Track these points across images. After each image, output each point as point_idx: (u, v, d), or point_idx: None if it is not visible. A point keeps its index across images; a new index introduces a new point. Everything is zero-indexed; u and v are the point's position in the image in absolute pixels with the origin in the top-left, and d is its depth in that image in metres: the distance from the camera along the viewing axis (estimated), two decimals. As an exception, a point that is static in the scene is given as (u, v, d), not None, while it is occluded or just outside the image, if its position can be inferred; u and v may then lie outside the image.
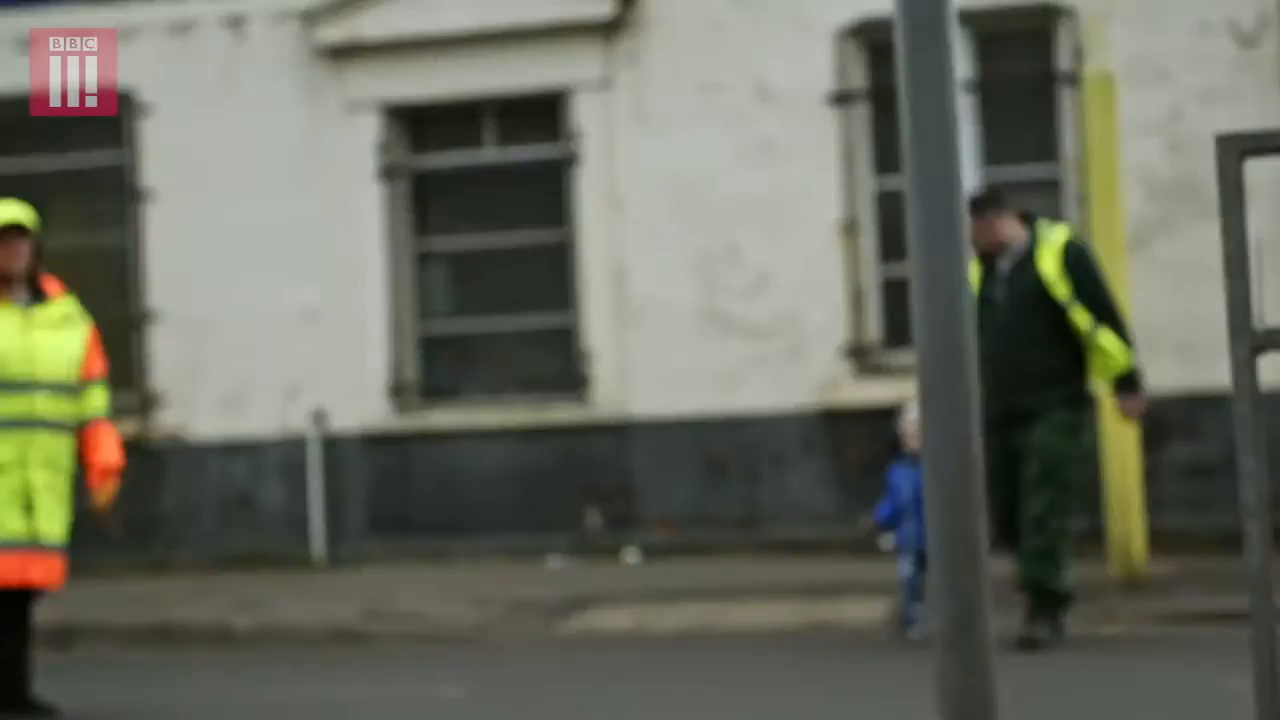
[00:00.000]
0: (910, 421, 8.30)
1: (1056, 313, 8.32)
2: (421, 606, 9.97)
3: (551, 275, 12.91)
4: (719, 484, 12.58)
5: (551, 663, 8.82)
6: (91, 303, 8.11)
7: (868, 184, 12.46)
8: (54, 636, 9.90)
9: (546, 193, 12.91)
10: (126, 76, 13.32)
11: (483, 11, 12.55)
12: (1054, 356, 8.34)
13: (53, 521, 7.17)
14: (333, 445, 13.02)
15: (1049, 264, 8.36)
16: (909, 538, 8.56)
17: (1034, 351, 8.29)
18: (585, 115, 12.74)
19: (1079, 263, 8.40)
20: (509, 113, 13.05)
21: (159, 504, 13.23)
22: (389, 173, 13.04)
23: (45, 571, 7.13)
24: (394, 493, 13.02)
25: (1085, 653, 8.19)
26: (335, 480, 13.03)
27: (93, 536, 12.70)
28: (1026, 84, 12.59)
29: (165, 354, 13.37)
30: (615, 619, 9.98)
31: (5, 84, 13.56)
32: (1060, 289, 8.33)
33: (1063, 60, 12.28)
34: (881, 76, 12.46)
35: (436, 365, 13.27)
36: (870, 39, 12.44)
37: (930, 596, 3.34)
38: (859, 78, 12.50)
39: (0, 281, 7.22)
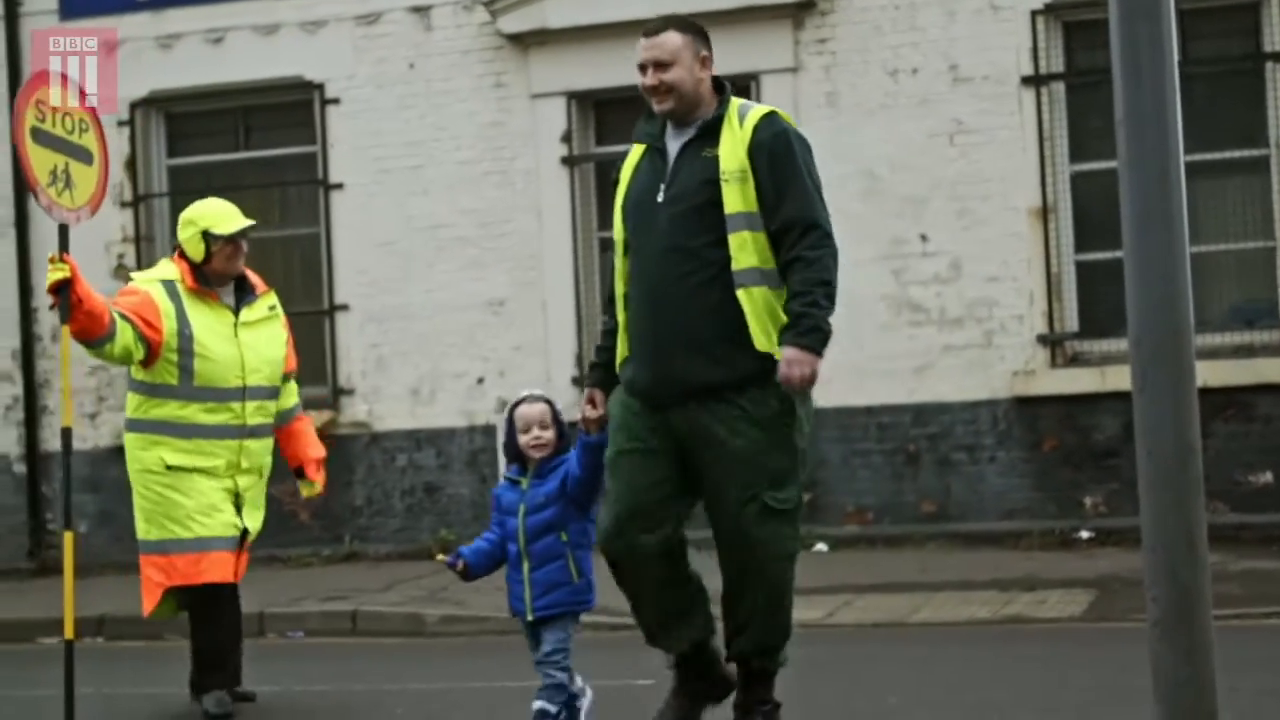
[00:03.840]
0: (529, 419, 5.89)
1: (739, 229, 5.57)
2: (607, 599, 9.92)
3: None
4: (910, 475, 12.38)
5: (741, 655, 8.70)
6: (283, 295, 8.18)
7: (1063, 167, 12.16)
8: (248, 624, 10.00)
9: (733, 180, 12.77)
10: (314, 69, 13.47)
11: (668, -2, 12.48)
12: (733, 305, 5.56)
13: (255, 520, 7.46)
14: (520, 435, 13.01)
15: (732, 150, 5.61)
16: (518, 592, 5.90)
17: (700, 297, 5.59)
18: (773, 100, 12.59)
19: (783, 151, 5.58)
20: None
21: (349, 495, 13.34)
22: (574, 161, 13.01)
23: (244, 566, 7.46)
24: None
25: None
26: (522, 470, 13.02)
27: (285, 528, 12.90)
28: (1233, 64, 12.21)
29: (354, 345, 13.48)
30: (804, 611, 9.82)
31: (198, 78, 13.78)
32: (738, 194, 5.57)
33: (1272, 40, 11.88)
34: (1078, 57, 12.16)
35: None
36: (1066, 18, 12.15)
37: (1147, 584, 3.19)
38: (1055, 59, 12.21)
39: (216, 282, 7.37)
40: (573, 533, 5.85)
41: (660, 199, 5.67)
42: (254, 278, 7.56)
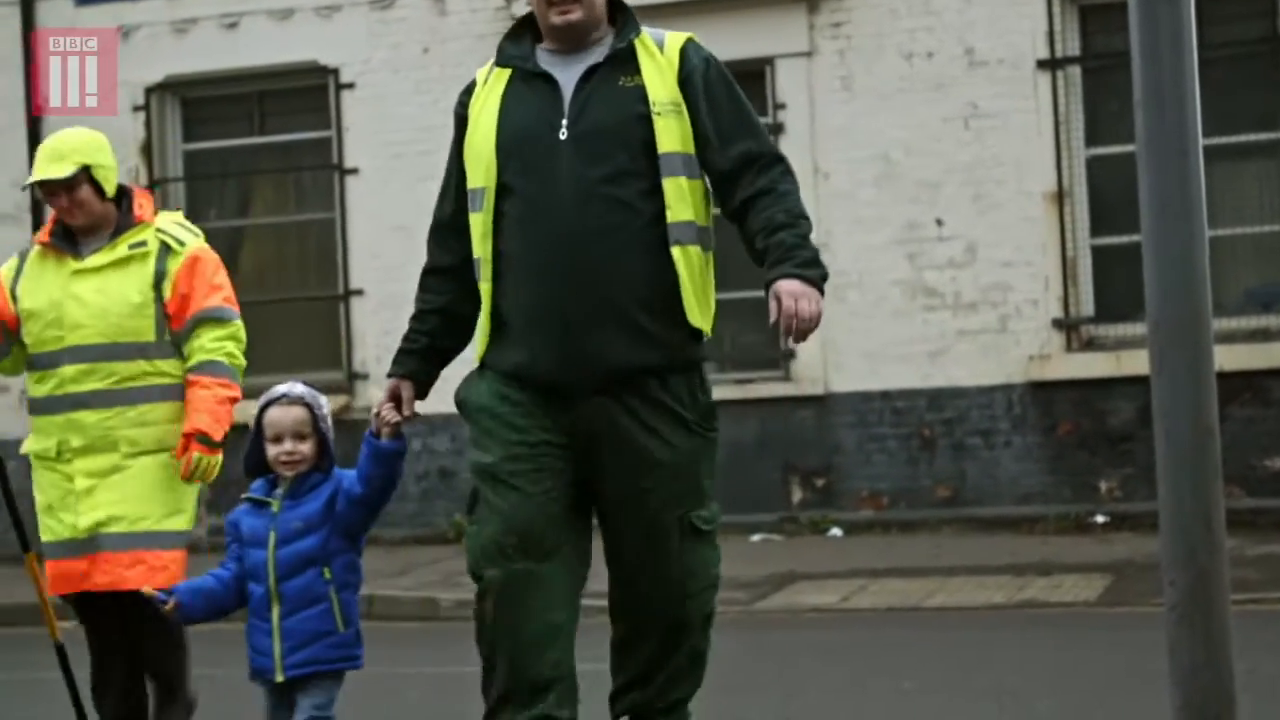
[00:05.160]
0: (281, 426, 4.73)
1: (675, 173, 4.53)
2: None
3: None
4: (925, 459, 12.37)
5: (754, 639, 8.71)
6: (298, 280, 8.15)
7: (1079, 151, 12.13)
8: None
9: (748, 165, 12.75)
10: (329, 54, 13.47)
11: (683, -18, 12.45)
12: (665, 266, 4.51)
13: (101, 509, 5.55)
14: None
15: (660, 78, 4.58)
16: (263, 645, 4.68)
17: (627, 255, 4.49)
18: (789, 86, 12.58)
19: (719, 78, 4.63)
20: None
21: (364, 478, 13.34)
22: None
23: (110, 572, 5.52)
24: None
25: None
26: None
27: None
28: (1250, 47, 12.17)
29: (368, 330, 13.49)
30: (819, 595, 9.84)
31: (213, 63, 13.78)
32: (674, 130, 4.53)
33: (1284, 21, 11.85)
34: (1094, 40, 12.13)
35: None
36: (1082, 2, 12.12)
37: (1165, 568, 3.17)
38: (1071, 42, 12.18)
39: (82, 235, 5.76)
40: (339, 568, 4.64)
41: (563, 135, 4.49)
42: (142, 211, 5.76)
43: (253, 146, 14.08)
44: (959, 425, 12.30)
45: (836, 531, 12.17)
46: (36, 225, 13.90)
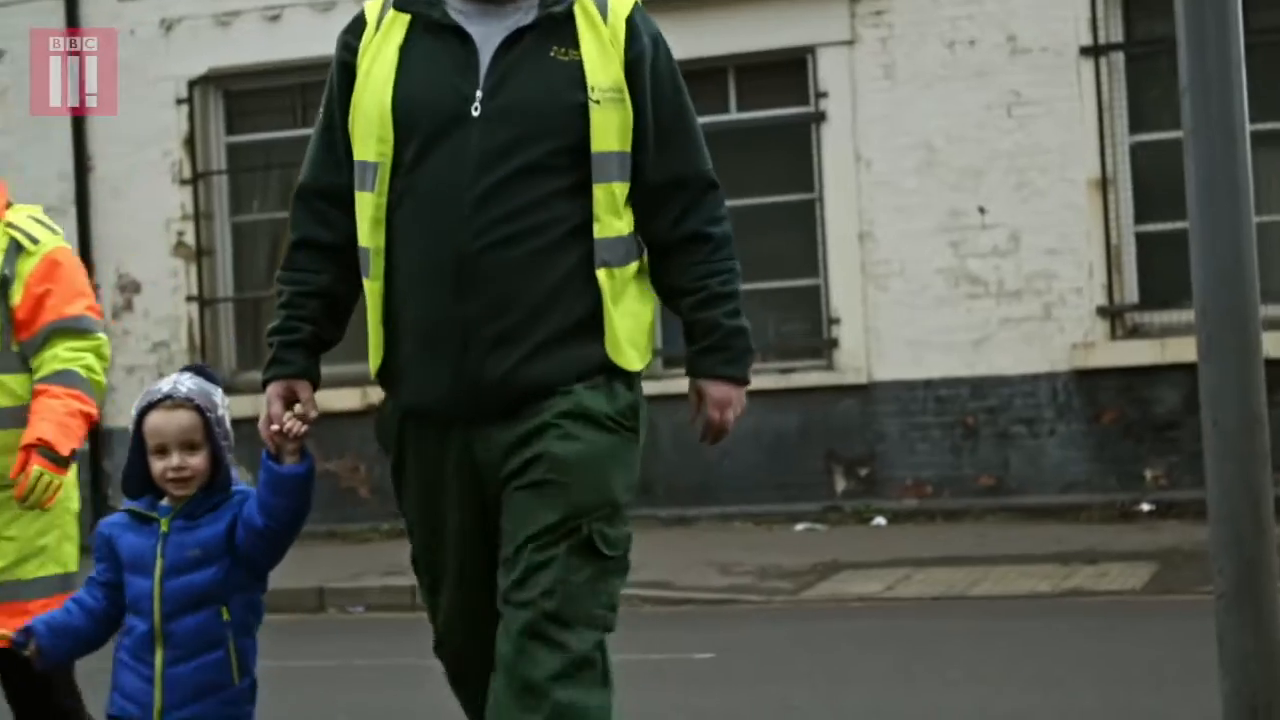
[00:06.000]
0: (164, 434, 3.78)
1: (608, 177, 3.73)
2: (669, 574, 9.93)
3: (797, 237, 12.75)
4: (968, 448, 12.34)
5: (799, 628, 8.72)
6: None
7: (1123, 138, 12.08)
8: (306, 599, 10.08)
9: (791, 154, 12.74)
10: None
11: (724, -29, 12.44)
12: (585, 289, 3.72)
13: None
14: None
15: (601, 57, 3.74)
16: (137, 691, 3.79)
17: (541, 269, 3.68)
18: (830, 74, 12.55)
19: (667, 68, 3.82)
20: (752, 72, 12.90)
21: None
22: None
23: None
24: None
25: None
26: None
27: (345, 503, 12.97)
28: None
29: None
30: (864, 584, 9.83)
31: (256, 55, 13.82)
32: (614, 125, 3.73)
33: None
34: (1137, 27, 12.06)
35: (677, 330, 13.17)
36: (1125, -12, 12.07)
37: (1213, 556, 3.16)
38: (1114, 29, 12.12)
39: None
40: (238, 609, 3.78)
41: (475, 111, 3.66)
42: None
43: (296, 139, 14.10)
44: (1003, 413, 12.26)
45: (880, 520, 12.15)
46: (82, 217, 13.99)
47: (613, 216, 3.71)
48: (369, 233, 3.72)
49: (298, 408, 3.75)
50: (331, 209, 3.80)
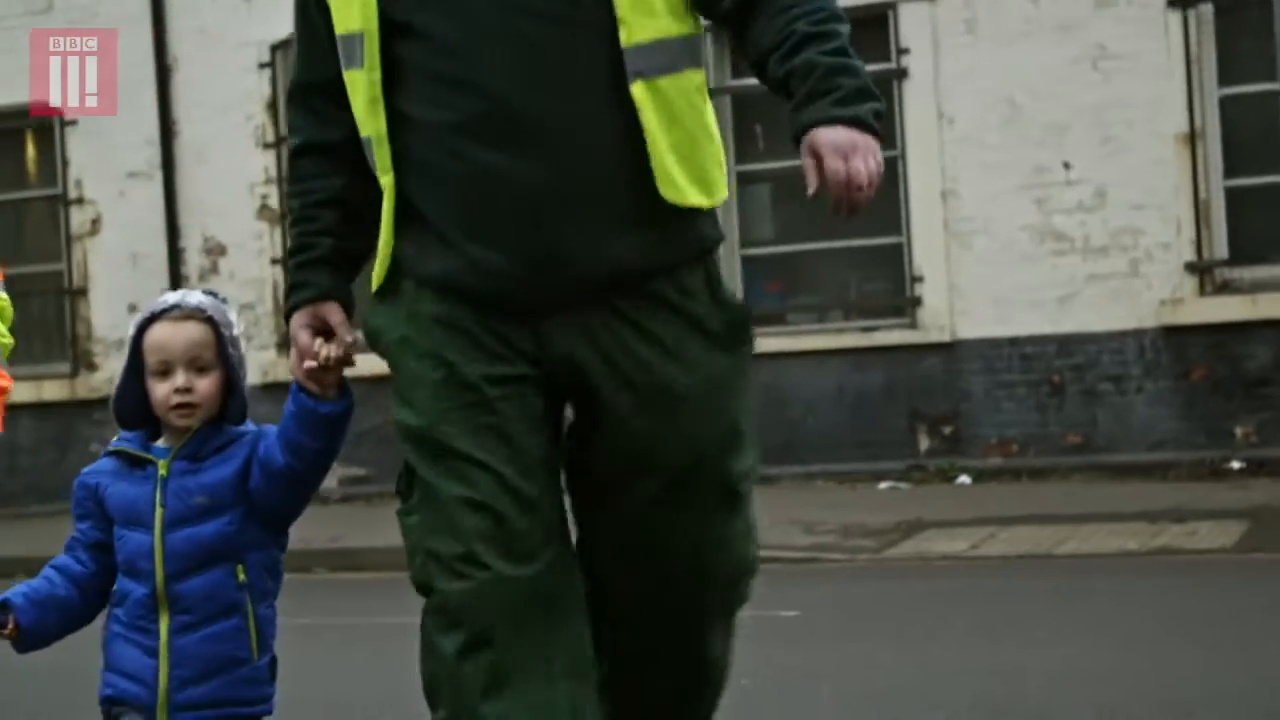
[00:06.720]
0: (171, 350, 3.21)
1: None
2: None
3: (879, 195, 12.64)
4: (1054, 406, 12.25)
5: (883, 586, 8.69)
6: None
7: (1211, 91, 11.91)
8: (394, 558, 10.13)
9: (872, 110, 12.64)
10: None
11: (805, -73, 12.32)
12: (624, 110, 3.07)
13: None
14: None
15: None
16: (137, 666, 3.19)
17: (590, 101, 3.07)
18: (911, 30, 12.45)
19: None
20: (833, 30, 12.79)
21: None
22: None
23: None
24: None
25: None
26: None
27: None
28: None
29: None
30: (948, 543, 9.79)
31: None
32: None
33: None
34: (1227, -22, 11.89)
35: (759, 288, 13.16)
36: (1214, -62, 11.89)
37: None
38: (1203, -20, 11.96)
39: None
40: (255, 570, 3.21)
41: None
42: None
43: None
44: (1089, 371, 12.16)
45: (965, 479, 12.09)
46: (168, 182, 14.11)
47: (643, 16, 3.04)
48: (367, 118, 3.15)
49: (332, 342, 3.19)
50: (329, 105, 3.28)
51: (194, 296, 3.24)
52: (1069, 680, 5.96)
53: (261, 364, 13.23)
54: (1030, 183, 12.19)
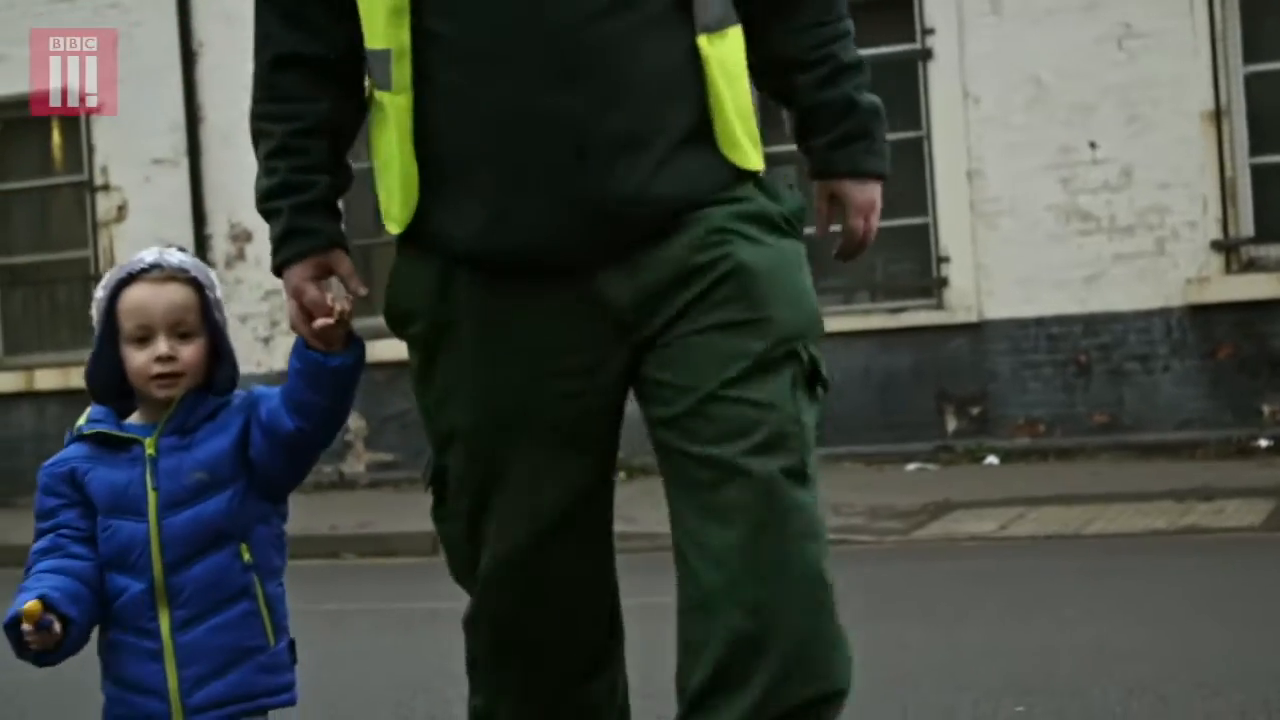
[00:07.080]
0: (151, 313, 2.87)
1: None
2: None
3: (904, 175, 12.65)
4: (1081, 385, 12.23)
5: (911, 567, 8.70)
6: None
7: (1237, 69, 11.88)
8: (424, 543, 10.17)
9: (898, 91, 12.63)
10: None
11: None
12: (691, 63, 2.81)
13: None
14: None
15: None
16: (148, 678, 2.85)
17: (645, 41, 2.74)
18: (935, 9, 12.43)
19: None
20: (857, 10, 12.77)
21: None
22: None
23: None
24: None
25: None
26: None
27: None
28: None
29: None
30: (977, 524, 9.80)
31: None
32: None
33: None
34: (1251, -45, 11.85)
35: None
36: (1238, -85, 11.85)
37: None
38: (1228, -43, 11.92)
39: None
40: (262, 545, 2.91)
41: None
42: None
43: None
44: (1116, 350, 12.15)
45: (993, 459, 12.09)
46: (194, 167, 14.14)
47: None
48: (385, 29, 2.73)
49: (337, 297, 2.88)
50: (324, 14, 2.82)
51: (174, 256, 2.90)
52: (1098, 659, 5.97)
53: (287, 350, 13.27)
54: (1056, 162, 12.17)
